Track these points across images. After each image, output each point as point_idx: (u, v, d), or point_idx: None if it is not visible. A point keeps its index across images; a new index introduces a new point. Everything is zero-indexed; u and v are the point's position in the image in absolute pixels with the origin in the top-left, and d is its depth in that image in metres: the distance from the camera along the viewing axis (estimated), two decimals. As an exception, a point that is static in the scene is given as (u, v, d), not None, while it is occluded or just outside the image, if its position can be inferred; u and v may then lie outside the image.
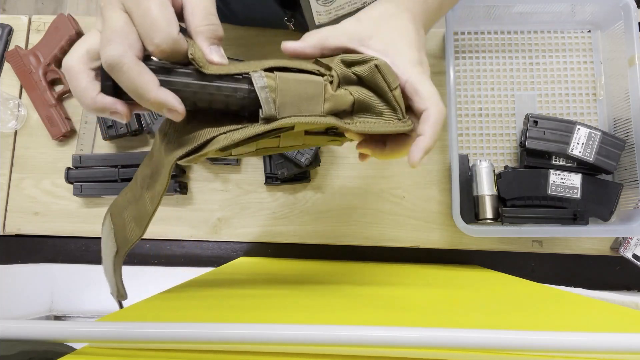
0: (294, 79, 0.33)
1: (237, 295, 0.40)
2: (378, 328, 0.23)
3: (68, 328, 0.24)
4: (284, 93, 0.32)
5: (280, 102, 0.32)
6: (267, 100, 0.32)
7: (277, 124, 0.32)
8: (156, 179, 0.36)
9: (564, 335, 0.22)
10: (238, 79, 0.32)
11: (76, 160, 0.67)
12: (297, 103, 0.33)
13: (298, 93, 0.33)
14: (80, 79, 0.32)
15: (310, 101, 0.33)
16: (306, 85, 0.33)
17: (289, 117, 0.32)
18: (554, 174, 0.64)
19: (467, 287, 0.50)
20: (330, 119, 0.34)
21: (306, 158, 0.62)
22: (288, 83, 0.32)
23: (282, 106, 0.32)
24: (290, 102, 0.32)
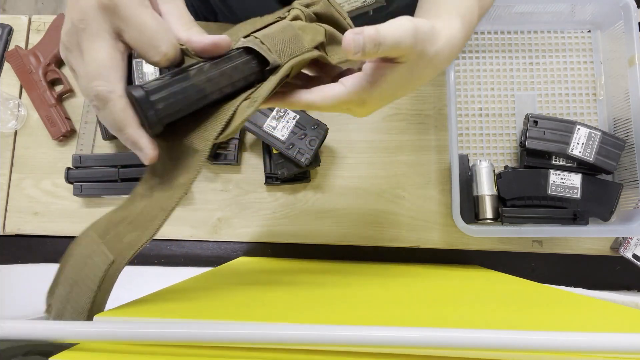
0: (271, 32, 0.35)
1: (237, 295, 0.40)
2: (378, 328, 0.23)
3: (68, 328, 0.24)
4: (274, 43, 0.34)
5: (275, 51, 0.34)
6: (268, 53, 0.34)
7: (287, 66, 0.34)
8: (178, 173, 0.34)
9: (564, 335, 0.22)
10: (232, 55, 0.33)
11: (76, 160, 0.67)
12: (286, 47, 0.35)
13: (281, 39, 0.35)
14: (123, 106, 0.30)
15: (294, 41, 0.35)
16: (282, 31, 0.35)
17: (290, 59, 0.35)
18: (554, 174, 0.64)
19: (467, 287, 0.50)
20: (316, 52, 0.37)
21: (306, 158, 0.62)
22: (270, 36, 0.34)
23: (279, 54, 0.34)
24: (281, 49, 0.35)
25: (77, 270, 0.33)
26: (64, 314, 0.32)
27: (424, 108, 0.71)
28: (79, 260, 0.34)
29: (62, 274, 0.33)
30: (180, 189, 0.33)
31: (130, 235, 0.34)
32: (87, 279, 0.32)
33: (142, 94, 0.29)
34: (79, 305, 0.32)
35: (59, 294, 0.33)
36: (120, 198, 0.69)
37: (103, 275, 0.32)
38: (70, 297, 0.32)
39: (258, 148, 0.69)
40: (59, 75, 0.70)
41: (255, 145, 0.70)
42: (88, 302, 0.31)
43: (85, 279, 0.32)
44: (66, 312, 0.32)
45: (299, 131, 0.63)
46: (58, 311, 0.32)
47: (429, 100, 0.71)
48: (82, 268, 0.33)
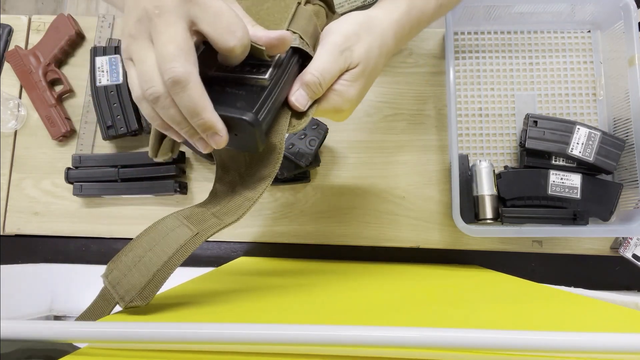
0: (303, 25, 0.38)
1: (237, 295, 0.40)
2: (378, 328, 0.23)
3: (68, 328, 0.24)
4: (308, 37, 0.38)
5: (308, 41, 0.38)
6: (309, 50, 0.37)
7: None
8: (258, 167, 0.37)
9: (564, 335, 0.22)
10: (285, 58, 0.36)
11: (76, 160, 0.67)
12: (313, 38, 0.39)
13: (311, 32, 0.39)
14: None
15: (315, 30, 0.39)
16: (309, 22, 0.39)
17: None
18: (554, 174, 0.64)
19: (466, 287, 0.50)
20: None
21: (306, 158, 0.62)
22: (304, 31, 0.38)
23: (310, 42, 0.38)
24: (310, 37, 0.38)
25: (155, 239, 0.34)
26: (123, 280, 0.32)
27: (424, 108, 0.71)
28: (159, 232, 0.34)
29: (135, 243, 0.34)
30: (264, 181, 0.36)
31: (213, 221, 0.36)
32: (165, 245, 0.33)
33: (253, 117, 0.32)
34: (146, 268, 0.32)
35: (124, 261, 0.33)
36: (120, 198, 0.69)
37: (183, 243, 0.33)
38: (140, 262, 0.32)
39: (258, 148, 0.69)
40: (59, 76, 0.70)
41: (255, 145, 0.70)
42: (157, 265, 0.32)
43: (163, 245, 0.33)
44: (129, 277, 0.32)
45: (299, 131, 0.63)
46: (116, 278, 0.32)
47: (429, 100, 0.71)
48: (163, 237, 0.34)
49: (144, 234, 0.35)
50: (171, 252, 0.32)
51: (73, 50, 0.73)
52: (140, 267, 0.32)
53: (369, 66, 0.39)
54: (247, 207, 0.36)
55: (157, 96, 0.30)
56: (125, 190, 0.67)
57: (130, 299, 0.31)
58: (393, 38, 0.41)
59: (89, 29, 0.73)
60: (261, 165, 0.37)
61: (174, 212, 0.37)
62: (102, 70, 0.68)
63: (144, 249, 0.33)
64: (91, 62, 0.68)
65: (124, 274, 0.32)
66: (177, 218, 0.35)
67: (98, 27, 0.73)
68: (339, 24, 0.39)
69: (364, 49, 0.38)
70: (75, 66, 0.73)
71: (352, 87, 0.38)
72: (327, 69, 0.36)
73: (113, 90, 0.67)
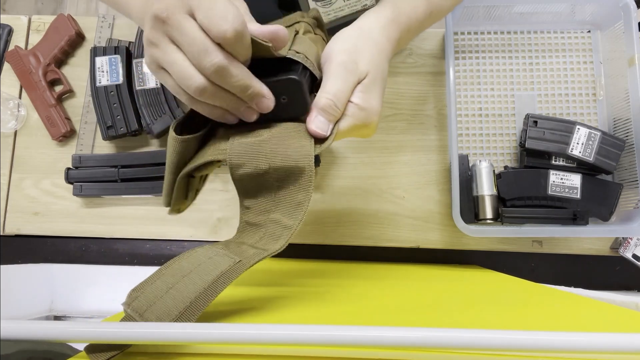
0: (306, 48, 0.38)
1: (237, 295, 0.40)
2: (377, 328, 0.23)
3: (68, 328, 0.24)
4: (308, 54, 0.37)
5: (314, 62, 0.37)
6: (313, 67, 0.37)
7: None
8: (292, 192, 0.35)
9: (564, 336, 0.22)
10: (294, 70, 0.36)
11: (76, 161, 0.67)
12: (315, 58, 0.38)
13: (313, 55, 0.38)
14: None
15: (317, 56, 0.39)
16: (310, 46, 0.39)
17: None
18: (554, 174, 0.64)
19: (466, 287, 0.50)
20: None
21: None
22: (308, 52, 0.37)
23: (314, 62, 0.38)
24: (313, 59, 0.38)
25: (188, 267, 0.31)
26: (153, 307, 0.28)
27: (424, 108, 0.71)
28: (192, 260, 0.32)
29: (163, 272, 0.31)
30: (301, 207, 0.35)
31: (253, 250, 0.34)
32: (203, 272, 0.30)
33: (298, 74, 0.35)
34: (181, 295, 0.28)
35: (152, 289, 0.29)
36: (120, 198, 0.69)
37: (225, 270, 0.30)
38: (173, 289, 0.29)
39: (258, 148, 0.69)
40: (58, 76, 0.70)
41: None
42: (196, 292, 0.28)
43: (200, 272, 0.30)
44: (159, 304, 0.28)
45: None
46: (143, 305, 0.28)
47: (429, 100, 0.71)
48: (198, 264, 0.31)
49: (172, 263, 0.32)
50: (211, 278, 0.29)
51: (73, 51, 0.73)
52: (173, 294, 0.29)
53: (378, 72, 0.39)
54: (288, 236, 0.34)
55: (203, 88, 0.31)
56: (125, 191, 0.67)
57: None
58: (387, 42, 0.42)
59: (89, 29, 0.73)
60: (294, 190, 0.35)
61: (205, 246, 0.34)
62: (102, 70, 0.68)
63: (176, 277, 0.30)
64: (91, 62, 0.68)
65: (152, 301, 0.28)
66: (212, 249, 0.33)
67: (98, 27, 0.73)
68: (334, 44, 0.39)
69: (367, 58, 0.38)
70: (75, 66, 0.73)
71: (371, 96, 0.38)
72: (339, 89, 0.36)
73: (113, 91, 0.67)
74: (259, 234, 0.35)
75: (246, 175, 0.35)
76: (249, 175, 0.35)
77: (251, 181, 0.35)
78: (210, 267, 0.30)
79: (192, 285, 0.29)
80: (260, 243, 0.35)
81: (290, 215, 0.35)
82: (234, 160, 0.35)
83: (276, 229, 0.35)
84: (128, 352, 0.26)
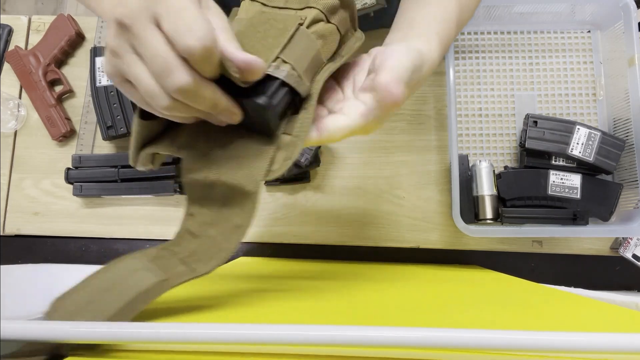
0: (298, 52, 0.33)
1: (237, 296, 0.40)
2: (377, 328, 0.23)
3: (68, 328, 0.24)
4: (302, 66, 0.33)
5: (303, 73, 0.33)
6: (298, 82, 0.33)
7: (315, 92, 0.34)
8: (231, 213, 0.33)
9: (564, 336, 0.22)
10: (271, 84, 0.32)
11: (76, 161, 0.67)
12: (312, 68, 0.34)
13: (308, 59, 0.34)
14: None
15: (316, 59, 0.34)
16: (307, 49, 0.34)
17: (314, 82, 0.35)
18: (554, 174, 0.64)
19: (466, 287, 0.50)
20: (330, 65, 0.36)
21: (306, 158, 0.62)
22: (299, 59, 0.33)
23: (305, 75, 0.33)
24: (307, 67, 0.34)
25: (115, 278, 0.30)
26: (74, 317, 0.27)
27: (424, 108, 0.71)
28: (121, 271, 0.31)
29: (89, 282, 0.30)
30: (238, 232, 0.33)
31: (182, 268, 0.32)
32: (125, 287, 0.29)
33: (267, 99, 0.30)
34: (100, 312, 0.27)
35: (75, 300, 0.29)
36: (120, 198, 0.69)
37: (147, 289, 0.29)
38: (93, 302, 0.28)
39: (258, 148, 0.69)
40: (58, 76, 0.70)
41: (255, 145, 0.70)
42: (112, 310, 0.27)
43: (123, 286, 0.29)
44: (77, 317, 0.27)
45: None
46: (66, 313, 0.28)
47: (429, 100, 0.71)
48: (124, 278, 0.30)
49: (99, 273, 0.30)
50: (129, 298, 0.28)
51: (73, 51, 0.73)
52: (92, 309, 0.28)
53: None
54: (221, 259, 0.32)
55: (167, 106, 0.28)
56: (125, 191, 0.67)
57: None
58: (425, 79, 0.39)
59: (89, 29, 0.73)
60: (237, 210, 0.33)
61: (138, 252, 0.33)
62: (102, 70, 0.68)
63: (99, 291, 0.29)
64: (91, 63, 0.68)
65: (72, 315, 0.27)
66: (141, 259, 0.32)
67: (98, 27, 0.73)
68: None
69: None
70: (75, 66, 0.73)
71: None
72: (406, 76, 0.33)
73: (113, 91, 0.67)
74: (193, 245, 0.34)
75: (195, 181, 0.34)
76: (198, 182, 0.33)
77: (200, 189, 0.34)
78: (131, 284, 0.29)
79: (111, 302, 0.28)
80: (191, 258, 0.33)
81: (226, 237, 0.33)
82: (185, 164, 0.33)
83: (211, 248, 0.33)
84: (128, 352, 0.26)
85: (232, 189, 0.32)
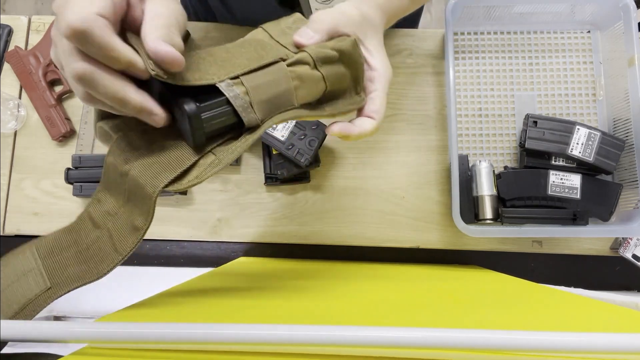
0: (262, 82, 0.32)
1: (237, 296, 0.40)
2: (377, 328, 0.23)
3: (68, 328, 0.24)
4: (260, 97, 0.32)
5: (257, 104, 0.32)
6: (244, 108, 0.31)
7: (264, 128, 0.33)
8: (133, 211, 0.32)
9: (564, 336, 0.22)
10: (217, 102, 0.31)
11: (76, 161, 0.67)
12: (273, 103, 0.33)
13: (270, 93, 0.33)
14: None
15: (284, 96, 0.33)
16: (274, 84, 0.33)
17: (270, 119, 0.33)
18: (554, 174, 0.64)
19: (466, 287, 0.50)
20: (302, 111, 0.35)
21: (306, 158, 0.62)
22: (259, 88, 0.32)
23: (261, 109, 0.32)
24: (267, 104, 0.32)
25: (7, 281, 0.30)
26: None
27: (424, 108, 0.71)
28: (12, 272, 0.30)
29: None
30: (135, 234, 0.31)
31: (75, 268, 0.31)
32: (13, 295, 0.29)
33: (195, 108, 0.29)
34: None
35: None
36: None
37: (30, 300, 0.29)
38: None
39: (258, 148, 0.69)
40: (58, 76, 0.70)
41: (255, 145, 0.70)
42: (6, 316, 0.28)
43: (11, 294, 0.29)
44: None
45: (299, 132, 0.63)
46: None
47: (429, 100, 0.71)
48: (14, 282, 0.30)
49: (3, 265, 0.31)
50: (17, 307, 0.29)
51: (73, 51, 0.73)
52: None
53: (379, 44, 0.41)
54: (113, 263, 0.31)
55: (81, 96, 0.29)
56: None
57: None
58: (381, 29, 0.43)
59: (88, 29, 0.73)
60: (137, 210, 0.32)
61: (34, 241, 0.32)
62: (102, 70, 0.68)
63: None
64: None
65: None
66: (34, 256, 0.31)
67: (98, 27, 0.72)
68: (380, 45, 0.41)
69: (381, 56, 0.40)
70: (75, 66, 0.73)
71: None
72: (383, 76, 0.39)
73: (113, 91, 0.67)
74: (91, 236, 0.32)
75: (111, 165, 0.33)
76: (114, 167, 0.32)
77: (113, 175, 0.33)
78: (20, 292, 0.29)
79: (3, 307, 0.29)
80: (85, 254, 0.32)
81: (122, 236, 0.32)
82: (111, 145, 0.33)
83: (105, 246, 0.32)
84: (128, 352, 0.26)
85: (137, 186, 0.31)
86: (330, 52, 0.35)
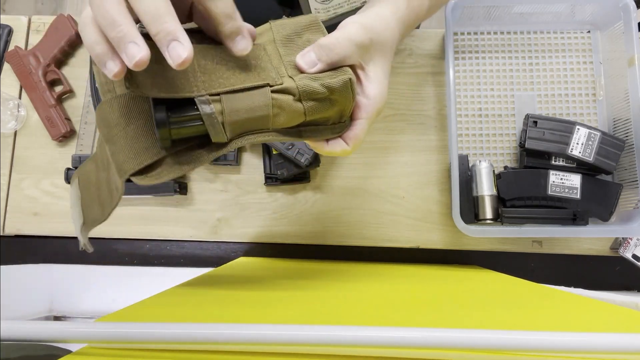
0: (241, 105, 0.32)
1: (237, 296, 0.40)
2: (377, 328, 0.23)
3: (68, 328, 0.24)
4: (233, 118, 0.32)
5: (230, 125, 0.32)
6: (214, 127, 0.32)
7: (231, 147, 0.33)
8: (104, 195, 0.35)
9: (563, 336, 0.22)
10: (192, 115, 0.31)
11: (76, 161, 0.67)
12: (246, 125, 0.33)
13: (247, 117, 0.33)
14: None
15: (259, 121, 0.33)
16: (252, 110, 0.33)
17: (239, 138, 0.34)
18: (554, 174, 0.64)
19: (466, 287, 0.50)
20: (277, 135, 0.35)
21: (306, 158, 0.62)
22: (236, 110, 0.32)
23: (231, 127, 0.33)
24: (242, 122, 0.33)
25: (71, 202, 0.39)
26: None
27: (424, 108, 0.71)
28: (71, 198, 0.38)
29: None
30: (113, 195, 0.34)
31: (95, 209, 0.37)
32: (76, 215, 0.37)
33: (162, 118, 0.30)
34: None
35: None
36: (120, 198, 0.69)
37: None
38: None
39: (258, 148, 0.69)
40: (58, 76, 0.70)
41: (255, 145, 0.70)
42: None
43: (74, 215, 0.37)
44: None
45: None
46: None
47: (428, 100, 0.71)
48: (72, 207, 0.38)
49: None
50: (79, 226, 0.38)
51: (73, 51, 0.73)
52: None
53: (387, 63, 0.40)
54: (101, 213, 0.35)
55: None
56: (124, 191, 0.67)
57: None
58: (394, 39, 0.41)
59: (88, 29, 0.73)
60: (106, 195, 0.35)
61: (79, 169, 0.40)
62: (102, 70, 0.68)
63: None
64: (91, 63, 0.68)
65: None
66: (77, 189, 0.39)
67: (98, 27, 0.73)
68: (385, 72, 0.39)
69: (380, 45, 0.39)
70: (75, 66, 0.73)
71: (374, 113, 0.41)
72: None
73: (113, 91, 0.67)
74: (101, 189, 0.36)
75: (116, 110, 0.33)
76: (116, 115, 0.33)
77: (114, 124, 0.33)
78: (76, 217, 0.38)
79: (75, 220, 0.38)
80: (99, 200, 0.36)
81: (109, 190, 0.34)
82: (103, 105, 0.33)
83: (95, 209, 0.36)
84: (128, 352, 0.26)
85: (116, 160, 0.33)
86: (319, 88, 0.34)
